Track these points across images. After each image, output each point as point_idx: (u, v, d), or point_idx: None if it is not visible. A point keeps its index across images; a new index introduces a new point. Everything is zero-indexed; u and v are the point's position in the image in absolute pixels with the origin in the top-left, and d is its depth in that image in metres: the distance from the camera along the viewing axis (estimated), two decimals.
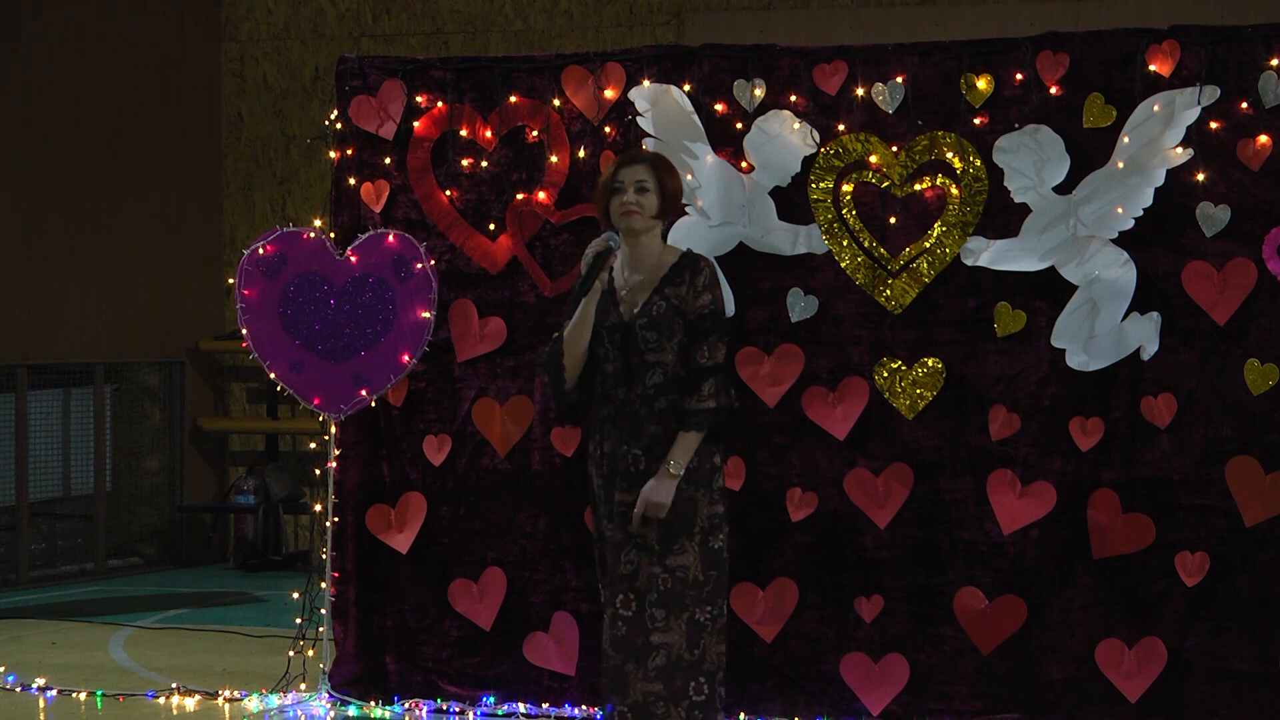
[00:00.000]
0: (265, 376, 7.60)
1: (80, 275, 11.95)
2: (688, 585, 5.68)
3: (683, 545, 5.70)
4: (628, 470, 5.77)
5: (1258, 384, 6.64)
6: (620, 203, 5.84)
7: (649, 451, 5.75)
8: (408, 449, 7.33)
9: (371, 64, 7.43)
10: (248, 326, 7.35)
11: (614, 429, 5.81)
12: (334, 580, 7.34)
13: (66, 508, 11.88)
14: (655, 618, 5.67)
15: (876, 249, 6.90)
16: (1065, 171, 6.74)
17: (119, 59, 12.31)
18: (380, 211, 7.35)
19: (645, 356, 5.77)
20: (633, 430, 5.77)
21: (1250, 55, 6.63)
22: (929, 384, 6.86)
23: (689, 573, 5.69)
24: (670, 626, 5.66)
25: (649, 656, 5.66)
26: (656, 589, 5.68)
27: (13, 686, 7.80)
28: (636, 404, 5.78)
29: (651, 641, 5.66)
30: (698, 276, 5.80)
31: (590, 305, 5.84)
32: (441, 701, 7.24)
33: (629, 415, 5.78)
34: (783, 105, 6.97)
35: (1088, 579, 6.76)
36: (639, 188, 5.84)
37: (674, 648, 5.66)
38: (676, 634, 5.66)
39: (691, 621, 5.68)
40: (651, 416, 5.76)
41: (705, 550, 5.73)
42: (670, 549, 5.69)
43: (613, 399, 5.83)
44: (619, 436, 5.79)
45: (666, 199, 5.88)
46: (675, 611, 5.67)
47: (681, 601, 5.67)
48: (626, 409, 5.79)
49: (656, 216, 5.88)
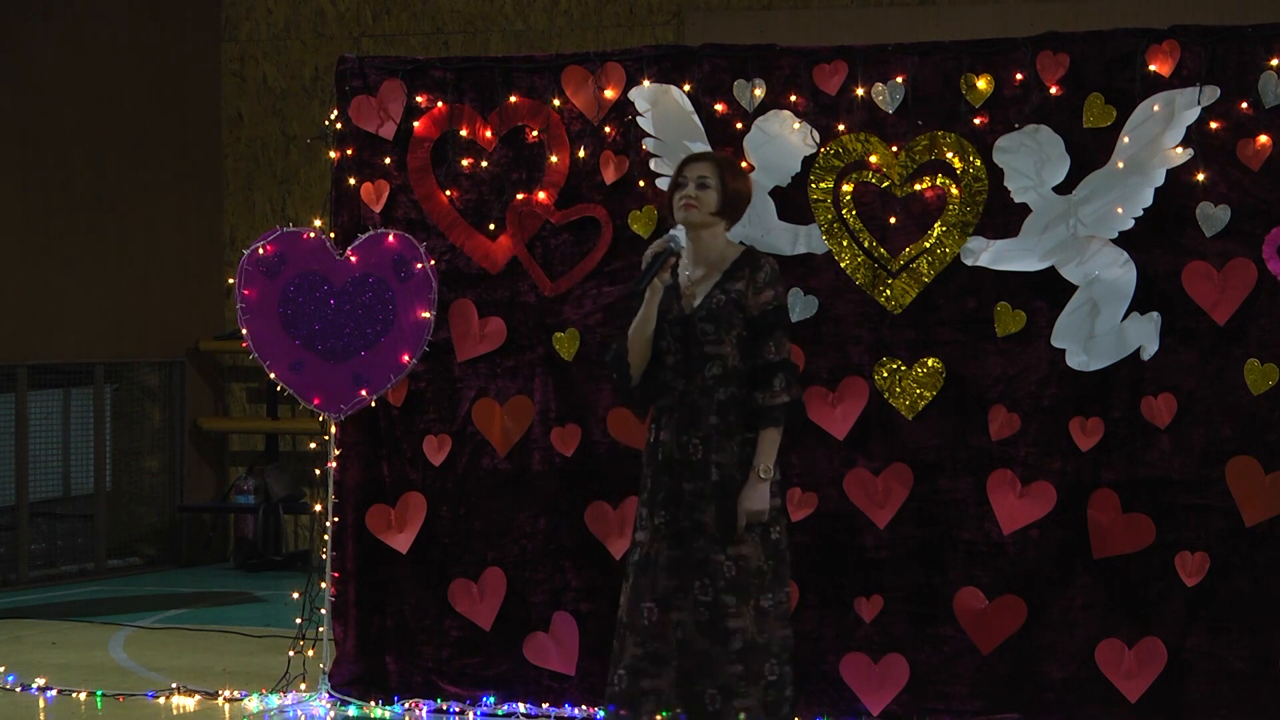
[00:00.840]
0: (265, 376, 7.60)
1: (80, 275, 11.95)
2: (751, 573, 5.84)
3: (743, 535, 5.84)
4: (688, 459, 5.89)
5: (1258, 384, 6.64)
6: (680, 196, 5.97)
7: (707, 441, 5.88)
8: (408, 449, 7.33)
9: (371, 64, 7.43)
10: (248, 326, 7.35)
11: (673, 419, 5.93)
12: (334, 580, 7.34)
13: (66, 508, 11.89)
14: (727, 604, 5.82)
15: (876, 249, 6.90)
16: (1065, 171, 6.74)
17: (119, 59, 12.32)
18: (380, 211, 7.35)
19: (704, 349, 5.89)
20: (692, 421, 5.90)
21: (1250, 55, 6.62)
22: (929, 384, 6.86)
23: (750, 562, 5.84)
24: (741, 612, 5.82)
25: (729, 639, 5.81)
26: (724, 576, 5.83)
27: (13, 686, 7.80)
28: (696, 395, 5.90)
29: (729, 626, 5.81)
30: (758, 273, 5.94)
31: (653, 304, 5.95)
32: (441, 701, 7.24)
33: (689, 406, 5.91)
34: (783, 105, 6.97)
35: (1088, 579, 6.76)
36: (700, 183, 5.97)
37: (748, 631, 5.82)
38: (747, 619, 5.82)
39: (758, 608, 5.85)
40: (710, 408, 5.89)
41: (765, 541, 5.87)
42: (732, 538, 5.84)
43: (673, 390, 5.95)
44: (678, 427, 5.91)
45: (728, 198, 5.99)
46: (743, 598, 5.82)
47: (747, 589, 5.83)
48: (686, 400, 5.92)
49: (717, 214, 5.99)
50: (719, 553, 5.82)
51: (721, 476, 5.85)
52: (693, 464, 5.89)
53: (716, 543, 5.83)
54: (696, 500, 5.87)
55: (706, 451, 5.88)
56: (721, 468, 5.86)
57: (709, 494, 5.86)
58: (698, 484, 5.87)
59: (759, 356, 5.90)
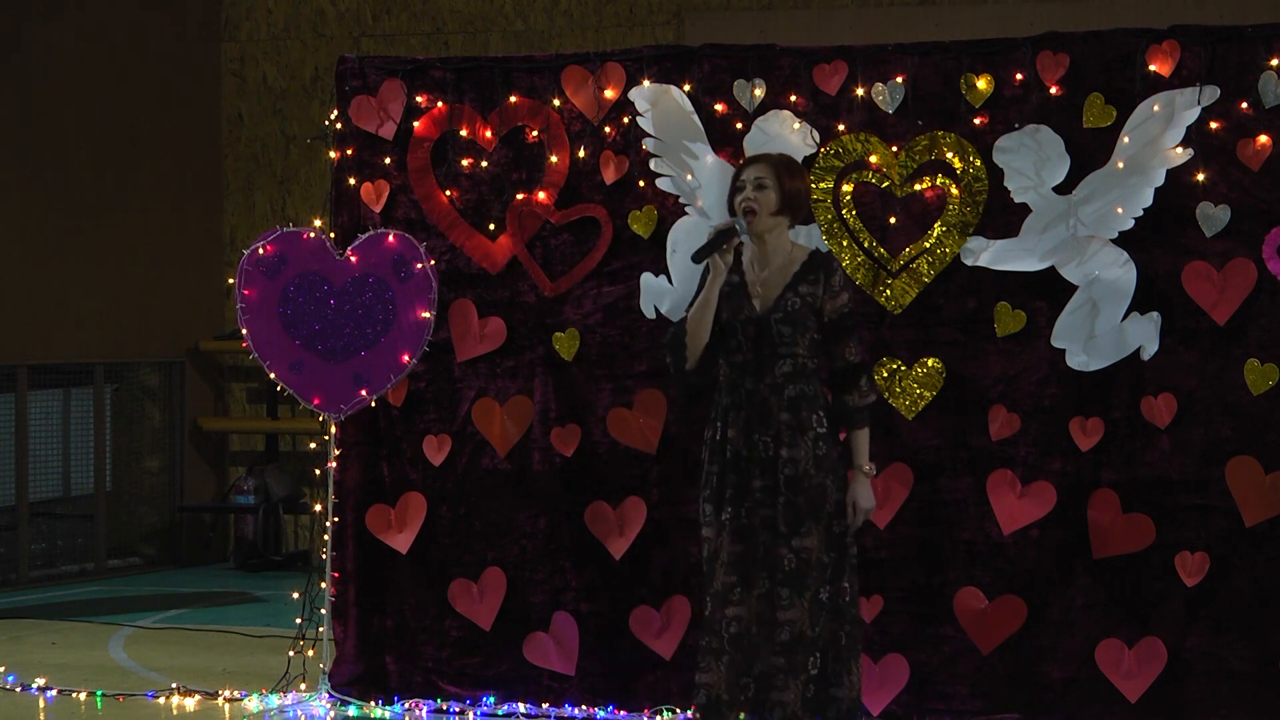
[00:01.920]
0: (265, 376, 7.60)
1: (80, 275, 11.95)
2: (811, 566, 5.91)
3: (809, 528, 5.93)
4: (758, 456, 5.96)
5: (1258, 384, 6.64)
6: (740, 199, 6.04)
7: (778, 438, 5.96)
8: (408, 449, 7.33)
9: (371, 64, 7.43)
10: (248, 326, 7.35)
11: (740, 416, 5.99)
12: (334, 580, 7.34)
13: (66, 508, 11.88)
14: (781, 595, 5.90)
15: (876, 249, 6.90)
16: (1065, 171, 6.74)
17: (119, 59, 12.31)
18: (380, 211, 7.35)
19: (779, 349, 5.98)
20: (763, 418, 5.97)
21: (1250, 55, 6.62)
22: (929, 384, 6.86)
23: (812, 554, 5.92)
24: (794, 604, 5.89)
25: (775, 631, 5.89)
26: (782, 569, 5.91)
27: (13, 686, 7.80)
28: (766, 393, 5.98)
29: (778, 618, 5.89)
30: (832, 276, 6.04)
31: (714, 288, 6.02)
32: (441, 701, 7.24)
33: (759, 404, 5.98)
34: (783, 105, 6.97)
35: (1088, 579, 6.76)
36: (757, 184, 6.04)
37: (798, 624, 5.88)
38: (800, 611, 5.88)
39: (814, 600, 5.91)
40: (781, 405, 5.97)
41: (829, 534, 5.95)
42: (797, 531, 5.91)
43: (739, 388, 6.02)
44: (747, 424, 5.98)
45: (786, 197, 6.05)
46: (798, 590, 5.89)
47: (805, 581, 5.89)
48: (755, 398, 5.98)
49: (777, 214, 6.05)
50: (782, 546, 5.90)
51: (796, 471, 5.93)
52: (762, 460, 5.96)
53: (781, 536, 5.90)
54: (765, 496, 5.95)
55: (777, 448, 5.95)
56: (796, 463, 5.93)
57: (778, 489, 5.93)
58: (767, 480, 5.95)
59: (840, 358, 6.05)
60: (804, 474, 5.93)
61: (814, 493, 5.94)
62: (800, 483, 5.93)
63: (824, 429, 6.00)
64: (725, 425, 6.04)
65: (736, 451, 6.00)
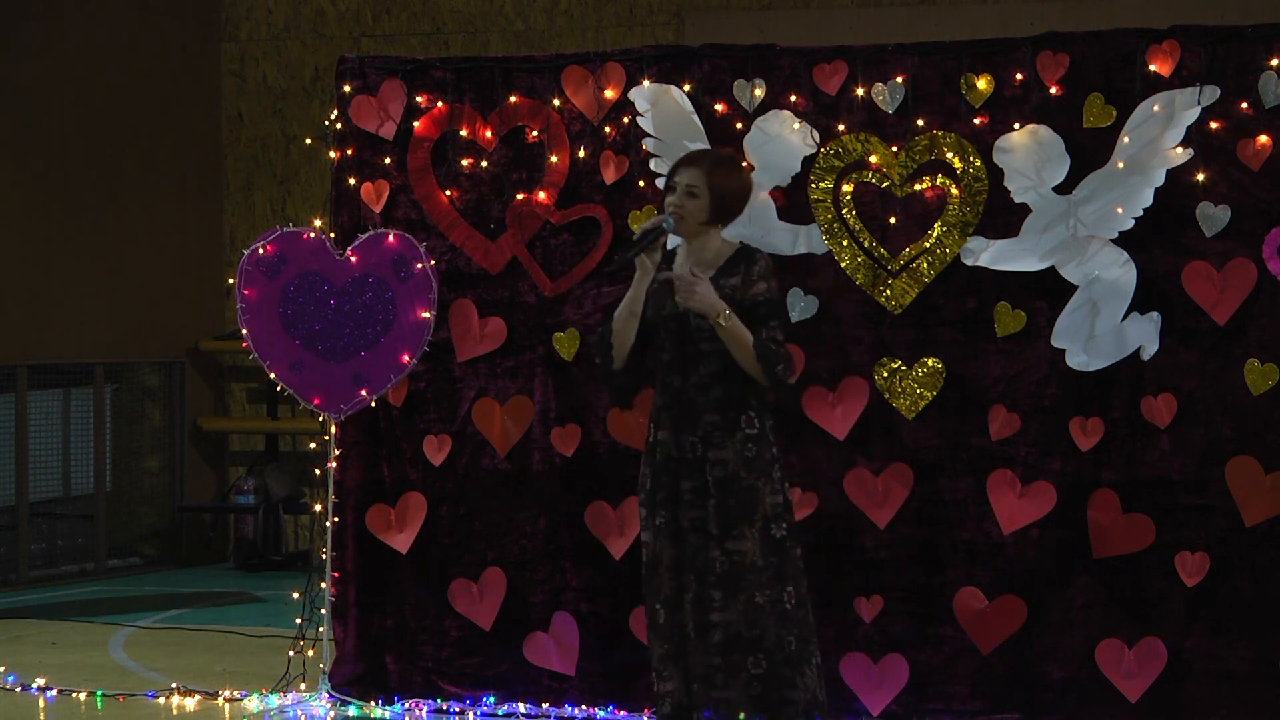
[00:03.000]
0: (265, 376, 7.60)
1: (80, 275, 11.95)
2: (744, 569, 5.81)
3: (742, 531, 5.84)
4: (686, 458, 5.88)
5: (1258, 384, 6.64)
6: (667, 203, 5.99)
7: (706, 439, 5.86)
8: (408, 449, 7.33)
9: (371, 64, 7.43)
10: (248, 326, 7.35)
11: (670, 417, 5.92)
12: (334, 580, 7.34)
13: (66, 508, 11.88)
14: (713, 599, 5.82)
15: (876, 249, 6.90)
16: (1065, 171, 6.74)
17: (119, 59, 12.31)
18: (380, 211, 7.35)
19: (700, 345, 5.88)
20: (690, 419, 5.88)
21: (1250, 55, 6.62)
22: (929, 384, 6.86)
23: (745, 558, 5.82)
24: (728, 606, 5.81)
25: (709, 633, 5.82)
26: (713, 572, 5.82)
27: (13, 686, 7.80)
28: (692, 392, 5.89)
29: (711, 620, 5.81)
30: (753, 266, 5.96)
31: (641, 285, 5.96)
32: (441, 701, 7.24)
33: (685, 404, 5.90)
34: (783, 105, 6.97)
35: (1088, 579, 6.76)
36: (687, 192, 5.96)
37: (732, 626, 5.80)
38: (734, 613, 5.81)
39: (749, 603, 5.82)
40: (708, 405, 5.88)
41: (765, 538, 5.85)
42: (729, 534, 5.83)
43: (669, 388, 5.94)
44: (676, 425, 5.90)
45: (718, 203, 5.97)
46: (731, 593, 5.81)
47: (739, 584, 5.81)
48: (683, 398, 5.90)
49: (707, 222, 5.99)
50: (714, 549, 5.82)
51: (725, 473, 5.85)
52: (690, 462, 5.87)
53: (713, 539, 5.82)
54: (695, 498, 5.86)
55: (705, 449, 5.87)
56: (724, 464, 5.85)
57: (708, 491, 5.85)
58: (696, 482, 5.87)
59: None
60: (733, 475, 5.84)
61: (745, 495, 5.84)
62: (730, 484, 5.84)
63: (755, 430, 5.89)
64: (657, 426, 5.97)
65: (667, 453, 5.92)
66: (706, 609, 5.82)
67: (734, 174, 6.10)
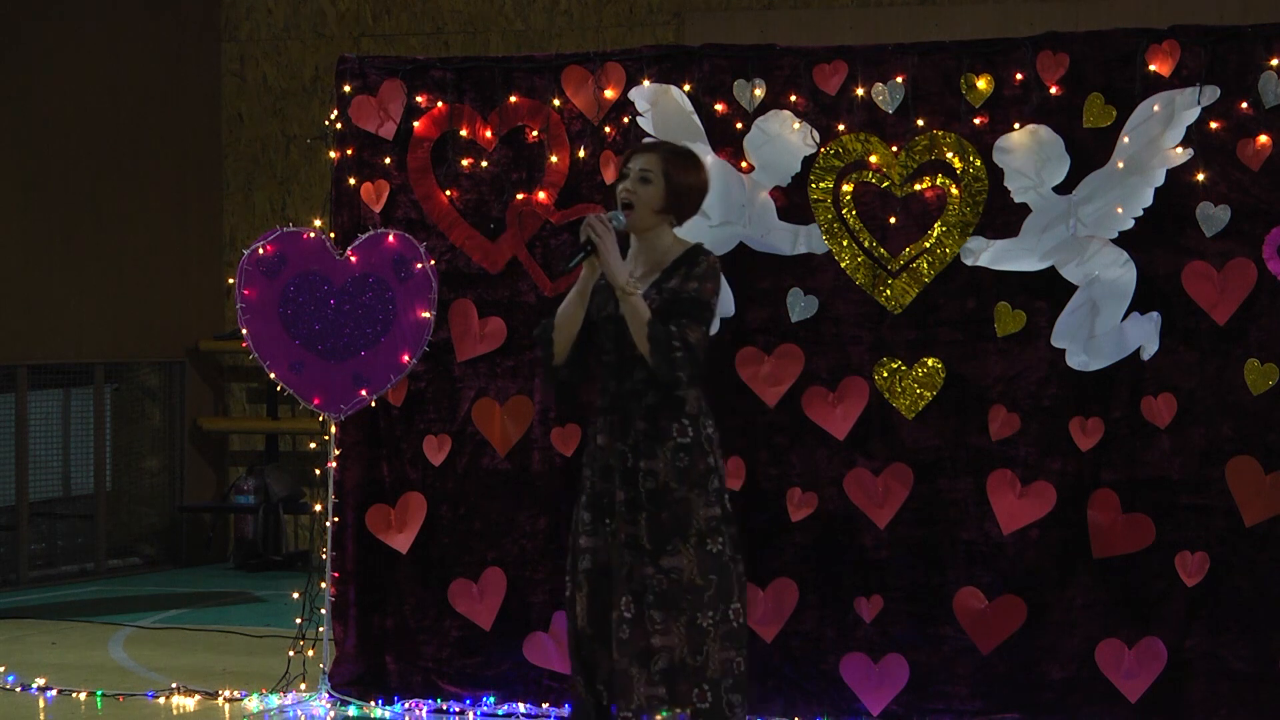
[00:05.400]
0: (265, 376, 7.60)
1: (80, 275, 11.95)
2: (683, 589, 5.57)
3: (676, 547, 5.59)
4: (621, 467, 5.70)
5: (1258, 384, 6.64)
6: (620, 188, 5.77)
7: (635, 449, 5.67)
8: (408, 449, 7.33)
9: (371, 64, 7.43)
10: (248, 326, 7.35)
11: (607, 423, 5.75)
12: (334, 580, 7.34)
13: (66, 508, 11.88)
14: (654, 619, 5.56)
15: (876, 249, 6.90)
16: (1065, 171, 6.74)
17: (119, 59, 12.31)
18: (380, 211, 7.35)
19: (635, 350, 5.66)
20: (622, 426, 5.70)
21: (1250, 55, 6.62)
22: (929, 384, 6.86)
23: (683, 575, 5.57)
24: (670, 630, 5.56)
25: (651, 660, 5.56)
26: (653, 590, 5.58)
27: (13, 686, 7.80)
28: (626, 398, 5.70)
29: (653, 644, 5.56)
30: (695, 267, 5.70)
31: (587, 282, 5.77)
32: (441, 701, 7.24)
33: (619, 410, 5.71)
34: (783, 105, 6.97)
35: (1088, 579, 6.76)
36: (641, 177, 5.74)
37: (676, 651, 5.56)
38: (676, 637, 5.56)
39: (692, 625, 5.56)
40: (639, 412, 5.68)
41: (702, 554, 5.60)
42: (663, 549, 5.60)
43: (608, 391, 5.77)
44: (611, 431, 5.72)
45: (674, 193, 5.75)
46: (673, 615, 5.56)
47: (679, 604, 5.56)
48: (618, 403, 5.72)
49: (661, 211, 5.77)
50: (647, 565, 5.57)
51: (656, 484, 5.62)
52: (624, 471, 5.66)
53: (646, 554, 5.59)
54: (627, 511, 5.63)
55: (636, 459, 5.64)
56: (655, 475, 5.63)
57: (640, 504, 5.63)
58: (629, 493, 5.64)
59: None
60: (665, 487, 5.59)
61: (677, 508, 5.58)
62: (662, 497, 5.58)
63: (688, 439, 5.62)
64: (597, 430, 5.77)
65: (605, 461, 5.70)
66: (646, 632, 5.54)
67: (691, 167, 5.82)
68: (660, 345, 5.57)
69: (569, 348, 5.83)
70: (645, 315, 5.60)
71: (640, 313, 5.60)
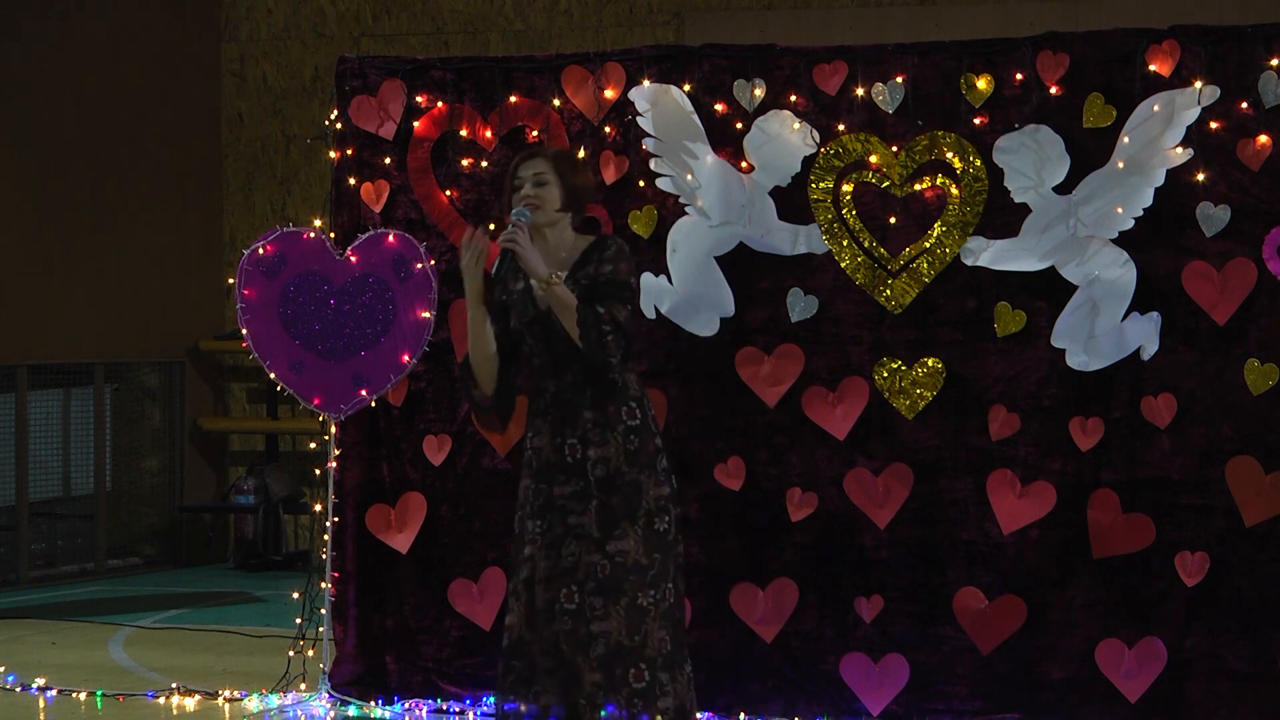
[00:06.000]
0: (265, 376, 7.61)
1: (80, 275, 11.95)
2: (628, 570, 5.60)
3: (624, 530, 5.63)
4: (564, 462, 5.71)
5: (1258, 384, 6.64)
6: (520, 197, 5.82)
7: (585, 439, 5.69)
8: (408, 449, 7.33)
9: (371, 64, 7.43)
10: (248, 326, 7.35)
11: (547, 422, 5.77)
12: (334, 580, 7.34)
13: (66, 508, 11.88)
14: (594, 606, 5.59)
15: (876, 249, 6.90)
16: (1065, 171, 6.74)
17: (119, 59, 12.31)
18: (380, 211, 7.35)
19: (569, 344, 5.70)
20: (568, 419, 5.72)
21: (1250, 55, 6.63)
22: (929, 384, 6.86)
23: (629, 557, 5.61)
24: (609, 614, 5.58)
25: (590, 646, 5.59)
26: (594, 577, 5.61)
27: (13, 686, 7.80)
28: (569, 393, 5.73)
29: (592, 631, 5.59)
30: (605, 252, 5.79)
31: (479, 308, 5.82)
32: (441, 701, 7.24)
33: (562, 405, 5.74)
34: (783, 105, 6.97)
35: (1088, 579, 6.76)
36: (537, 180, 5.83)
37: (613, 635, 5.58)
38: (615, 620, 5.58)
39: (632, 606, 5.59)
40: (584, 403, 5.71)
41: (649, 533, 5.65)
42: (611, 534, 5.63)
43: (544, 392, 5.79)
44: (553, 429, 5.74)
45: (569, 192, 5.84)
46: (613, 598, 5.58)
47: (620, 587, 5.59)
48: (559, 399, 5.75)
49: (562, 209, 5.85)
50: (594, 553, 5.61)
51: (607, 471, 5.66)
52: (569, 466, 5.69)
53: (594, 542, 5.62)
54: (571, 503, 5.67)
55: (584, 449, 5.68)
56: (606, 462, 5.66)
57: (589, 493, 5.66)
58: (574, 485, 5.67)
59: None
60: (616, 472, 5.64)
61: (628, 490, 5.64)
62: (613, 482, 5.64)
63: (637, 421, 5.70)
64: (534, 433, 5.79)
65: (545, 460, 5.73)
66: (587, 619, 5.57)
67: (579, 167, 6.01)
68: (590, 327, 5.64)
69: (494, 377, 5.88)
70: (572, 302, 5.67)
71: (566, 300, 5.67)
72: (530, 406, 5.87)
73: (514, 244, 5.71)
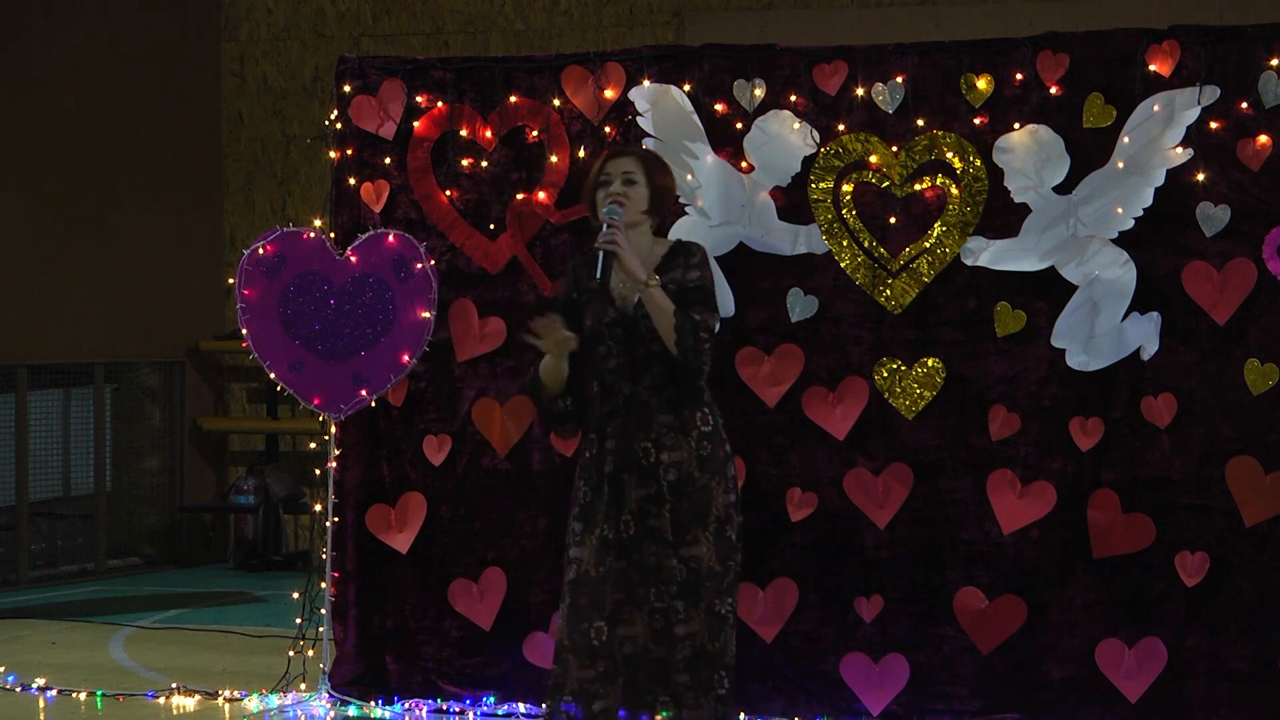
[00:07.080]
0: (265, 376, 7.61)
1: (80, 275, 11.95)
2: (703, 576, 5.63)
3: (696, 535, 5.64)
4: (639, 464, 5.68)
5: (1258, 384, 6.64)
6: (607, 194, 5.79)
7: (659, 442, 5.68)
8: (408, 449, 7.33)
9: (371, 64, 7.43)
10: (248, 326, 7.35)
11: (619, 425, 5.73)
12: (334, 580, 7.34)
13: (66, 508, 11.89)
14: (677, 609, 5.63)
15: (876, 249, 6.90)
16: (1065, 171, 6.74)
17: (119, 59, 12.32)
18: (380, 211, 7.35)
19: (650, 347, 5.69)
20: (643, 422, 5.69)
21: (1250, 55, 6.63)
22: (929, 384, 6.87)
23: (703, 563, 5.63)
24: (691, 617, 5.62)
25: (676, 647, 5.64)
26: (675, 580, 5.63)
27: (13, 686, 7.81)
28: (645, 395, 5.71)
29: (677, 634, 5.63)
30: (691, 258, 5.77)
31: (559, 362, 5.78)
32: (441, 701, 7.24)
33: (637, 408, 5.71)
34: (783, 105, 6.97)
35: (1088, 579, 6.76)
36: (626, 179, 5.79)
37: (698, 638, 5.63)
38: (698, 625, 5.62)
39: (711, 613, 5.64)
40: (661, 405, 5.69)
41: (721, 540, 5.67)
42: (684, 539, 5.64)
43: (616, 394, 5.75)
44: (627, 432, 5.71)
45: (656, 194, 5.83)
46: (693, 602, 5.62)
47: (698, 592, 5.62)
48: (634, 402, 5.71)
49: (647, 211, 5.82)
50: (671, 556, 5.63)
51: (679, 475, 5.65)
52: (643, 469, 5.67)
53: (669, 546, 5.64)
54: (647, 506, 5.65)
55: (659, 453, 5.66)
56: (679, 466, 5.65)
57: (664, 497, 5.65)
58: (649, 489, 5.66)
59: None
60: (688, 477, 5.64)
61: (699, 496, 5.64)
62: (684, 486, 5.63)
63: (709, 427, 5.70)
64: (603, 436, 5.73)
65: (617, 463, 5.68)
66: (673, 621, 5.62)
67: (665, 169, 5.94)
68: (687, 334, 5.63)
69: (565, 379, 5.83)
70: (669, 306, 5.65)
71: (664, 305, 5.65)
72: (601, 408, 5.80)
73: (614, 245, 5.66)
